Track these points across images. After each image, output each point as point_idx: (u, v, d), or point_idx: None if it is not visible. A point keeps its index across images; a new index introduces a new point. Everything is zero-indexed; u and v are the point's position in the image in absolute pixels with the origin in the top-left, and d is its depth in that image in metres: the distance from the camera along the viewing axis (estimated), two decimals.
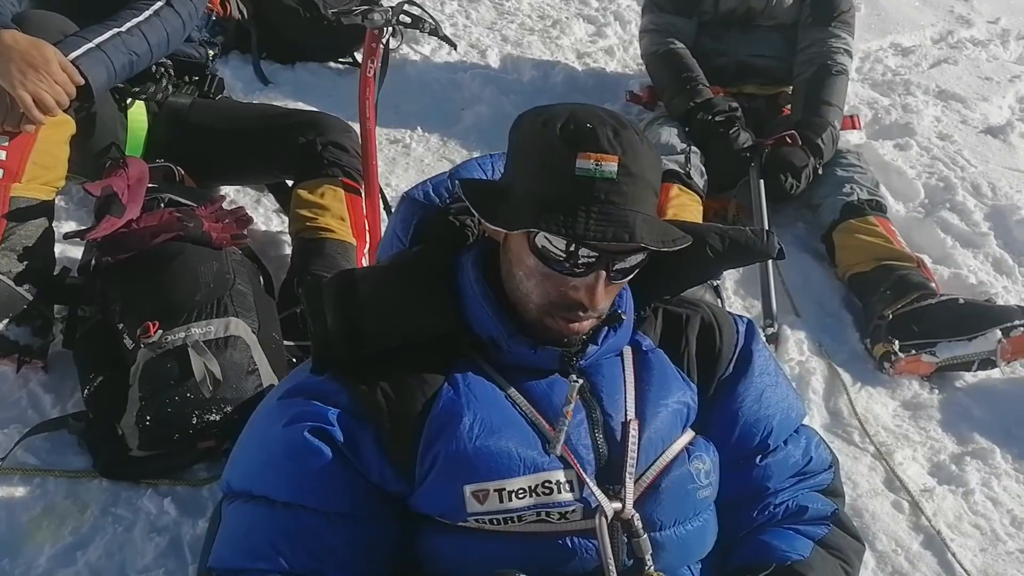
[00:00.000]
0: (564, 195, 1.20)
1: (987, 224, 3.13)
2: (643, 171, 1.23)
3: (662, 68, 3.29)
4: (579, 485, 1.26)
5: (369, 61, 2.38)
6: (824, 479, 1.51)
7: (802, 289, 2.82)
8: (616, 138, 1.21)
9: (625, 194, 1.20)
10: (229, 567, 1.25)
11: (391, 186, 2.94)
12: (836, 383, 2.47)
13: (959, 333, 2.47)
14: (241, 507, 1.29)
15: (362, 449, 1.25)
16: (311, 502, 1.24)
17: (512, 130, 1.32)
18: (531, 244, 1.25)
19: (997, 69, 4.41)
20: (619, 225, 1.19)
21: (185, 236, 1.98)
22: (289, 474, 1.25)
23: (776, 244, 1.43)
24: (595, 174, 1.19)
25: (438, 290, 1.34)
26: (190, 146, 2.44)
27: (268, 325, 1.96)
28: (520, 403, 1.30)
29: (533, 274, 1.27)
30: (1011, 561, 2.00)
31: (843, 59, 3.23)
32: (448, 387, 1.29)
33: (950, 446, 2.32)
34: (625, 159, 1.20)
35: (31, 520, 1.74)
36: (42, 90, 1.92)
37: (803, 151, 2.96)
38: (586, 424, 1.30)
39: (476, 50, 3.92)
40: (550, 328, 1.30)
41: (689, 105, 3.08)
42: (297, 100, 3.14)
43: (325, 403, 1.26)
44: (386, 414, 1.25)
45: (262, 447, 1.30)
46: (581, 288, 1.24)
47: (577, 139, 1.21)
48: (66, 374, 2.01)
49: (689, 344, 1.45)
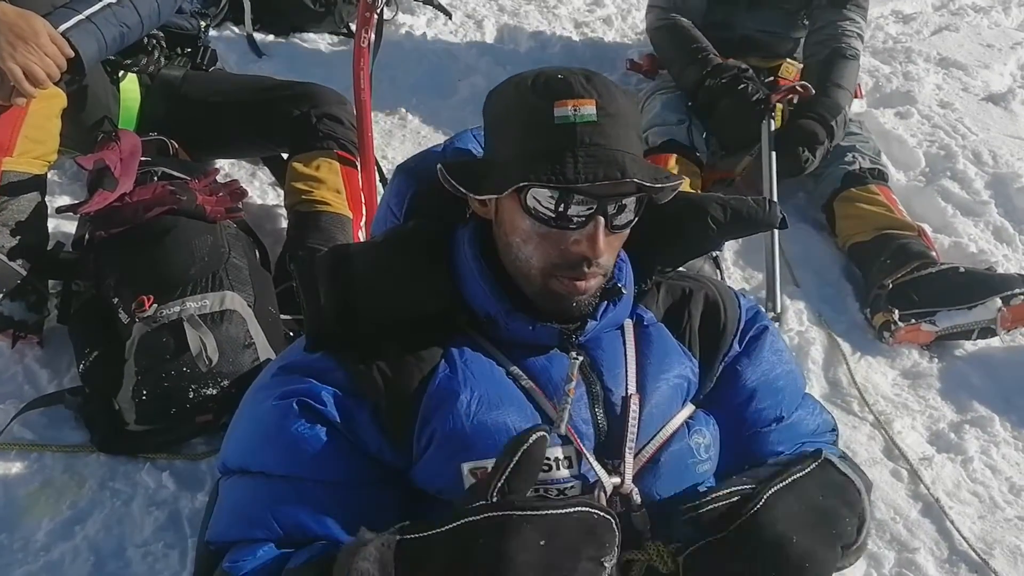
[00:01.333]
0: (548, 146, 1.18)
1: (988, 192, 3.12)
2: (622, 112, 1.21)
3: (668, 41, 3.23)
4: (578, 460, 1.25)
5: (363, 31, 2.35)
6: (829, 439, 1.52)
7: (802, 259, 2.81)
8: (589, 83, 1.20)
9: (608, 135, 1.18)
10: (227, 539, 1.24)
11: (387, 158, 2.92)
12: (835, 353, 2.47)
13: (959, 302, 2.46)
14: (238, 481, 1.28)
15: (359, 426, 1.24)
16: (308, 473, 1.23)
17: (485, 106, 1.31)
18: (523, 205, 1.22)
19: (999, 36, 4.36)
20: (608, 164, 1.17)
21: (179, 210, 1.97)
22: (284, 446, 1.24)
23: (779, 214, 1.41)
24: (575, 119, 1.17)
25: (434, 267, 1.32)
26: (183, 119, 2.42)
27: (264, 299, 1.95)
28: (520, 379, 1.28)
29: (530, 237, 1.24)
30: (1009, 528, 2.00)
31: (856, 43, 3.17)
32: (445, 364, 1.27)
33: (949, 415, 2.32)
34: (602, 101, 1.19)
35: (29, 495, 1.74)
36: (32, 62, 1.89)
37: (822, 126, 2.90)
38: (586, 399, 1.29)
39: (472, 20, 3.87)
40: (556, 291, 1.26)
41: (701, 74, 3.02)
42: (291, 72, 3.10)
43: (320, 381, 1.25)
44: (383, 391, 1.24)
45: (257, 423, 1.29)
46: (582, 240, 1.21)
47: (550, 90, 1.20)
48: (62, 349, 2.01)
49: (692, 319, 1.43)
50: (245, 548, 1.21)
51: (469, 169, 1.28)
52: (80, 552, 1.66)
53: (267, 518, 1.21)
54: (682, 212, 1.40)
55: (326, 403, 1.23)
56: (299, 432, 1.23)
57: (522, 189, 1.20)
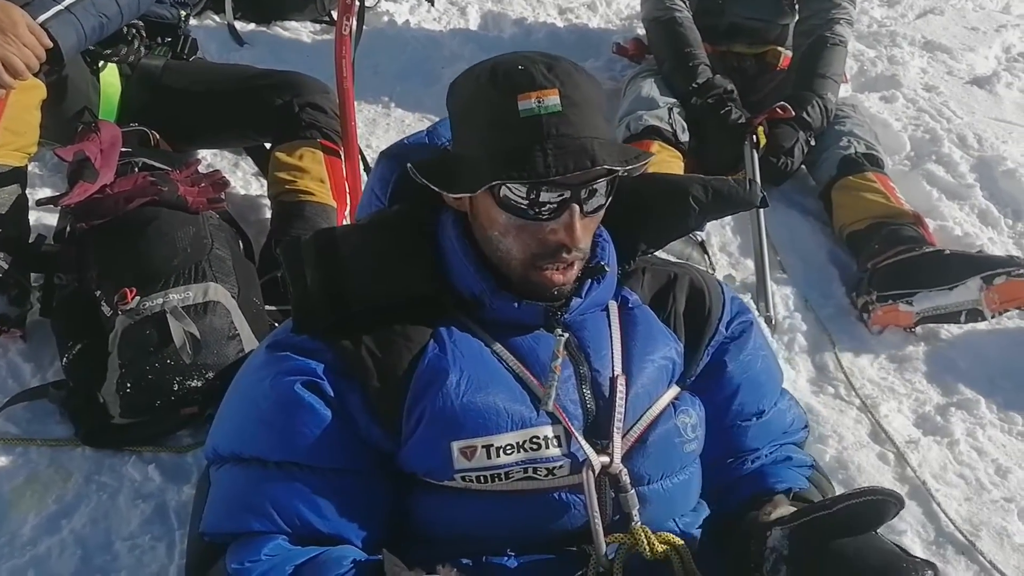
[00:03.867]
0: (516, 142, 1.18)
1: (973, 176, 3.12)
2: (587, 98, 1.22)
3: (663, 39, 3.21)
4: (567, 440, 1.25)
5: (344, 19, 2.33)
6: (802, 436, 1.57)
7: (788, 245, 2.81)
8: (551, 72, 1.20)
9: (575, 123, 1.19)
10: (224, 531, 1.23)
11: (371, 147, 2.91)
12: (822, 338, 2.47)
13: (939, 283, 2.46)
14: (231, 469, 1.27)
15: (349, 406, 1.24)
16: (305, 459, 1.22)
17: (448, 99, 1.31)
18: (497, 200, 1.23)
19: (983, 19, 4.37)
20: (578, 154, 1.17)
21: (160, 200, 1.96)
22: (280, 429, 1.23)
23: (759, 192, 1.44)
24: (539, 111, 1.18)
25: (420, 248, 1.33)
26: (164, 109, 2.40)
27: (248, 290, 1.95)
28: (507, 359, 1.29)
29: (508, 230, 1.25)
30: (995, 510, 2.01)
31: (841, 29, 3.16)
32: (434, 344, 1.28)
33: (935, 397, 2.32)
34: (565, 89, 1.19)
35: (14, 490, 1.73)
36: (10, 53, 1.88)
37: (791, 127, 2.92)
38: (574, 379, 1.30)
39: (455, 7, 3.85)
40: (537, 284, 1.28)
41: (689, 87, 3.03)
42: (273, 61, 3.08)
43: (312, 358, 1.25)
44: (372, 371, 1.24)
45: (252, 404, 1.28)
46: (559, 228, 1.22)
47: (512, 83, 1.20)
48: (45, 343, 1.99)
49: (677, 302, 1.44)
50: (247, 545, 1.20)
51: (441, 165, 1.30)
52: (67, 546, 1.64)
53: (265, 508, 1.21)
54: (664, 192, 1.43)
55: (322, 377, 1.23)
56: (296, 414, 1.22)
57: (495, 186, 1.21)
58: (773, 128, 2.93)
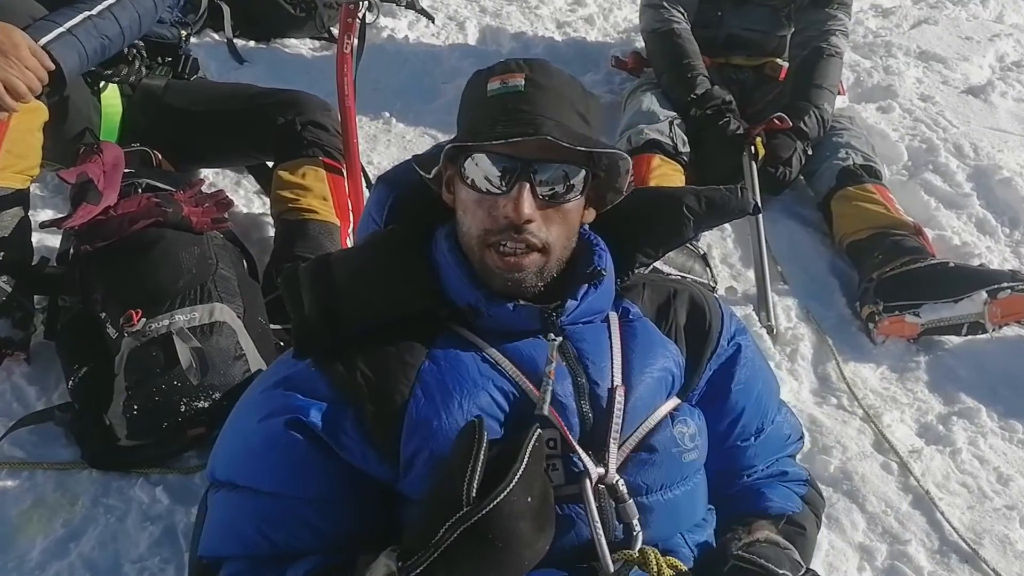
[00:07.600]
0: (481, 116, 1.29)
1: (970, 185, 3.14)
2: (556, 87, 1.30)
3: (662, 50, 3.23)
4: (562, 445, 1.26)
5: (345, 37, 2.34)
6: (797, 447, 1.61)
7: (789, 255, 2.83)
8: (526, 62, 1.31)
9: (534, 102, 1.27)
10: (218, 555, 1.26)
11: (373, 163, 2.92)
12: (824, 348, 2.49)
13: (945, 295, 2.47)
14: (227, 496, 1.29)
15: (344, 434, 1.25)
16: (294, 491, 1.25)
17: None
18: (462, 178, 1.30)
19: (977, 28, 4.40)
20: (525, 125, 1.24)
21: (164, 222, 1.96)
22: (270, 466, 1.25)
23: (751, 200, 1.49)
24: (502, 91, 1.28)
25: (413, 264, 1.35)
26: (166, 129, 2.40)
27: (253, 309, 1.95)
28: (504, 366, 1.30)
29: (468, 207, 1.31)
30: (998, 517, 2.02)
31: (837, 41, 3.19)
32: (431, 365, 1.29)
33: (937, 407, 2.34)
34: (533, 74, 1.29)
35: (21, 514, 1.73)
36: (12, 76, 1.88)
37: (788, 137, 2.95)
38: (572, 391, 1.30)
39: (454, 22, 3.87)
40: (490, 266, 1.30)
41: (687, 98, 3.05)
42: (273, 78, 3.08)
43: (305, 395, 1.26)
44: (367, 396, 1.25)
45: (244, 439, 1.31)
46: (508, 203, 1.26)
47: (490, 71, 1.33)
48: (50, 365, 1.99)
49: (678, 316, 1.46)
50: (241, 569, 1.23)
51: (433, 155, 1.37)
52: (76, 570, 1.64)
53: (257, 537, 1.24)
54: (658, 204, 1.48)
55: (312, 417, 1.25)
56: (284, 453, 1.24)
57: (460, 162, 1.29)
58: (771, 139, 2.95)
